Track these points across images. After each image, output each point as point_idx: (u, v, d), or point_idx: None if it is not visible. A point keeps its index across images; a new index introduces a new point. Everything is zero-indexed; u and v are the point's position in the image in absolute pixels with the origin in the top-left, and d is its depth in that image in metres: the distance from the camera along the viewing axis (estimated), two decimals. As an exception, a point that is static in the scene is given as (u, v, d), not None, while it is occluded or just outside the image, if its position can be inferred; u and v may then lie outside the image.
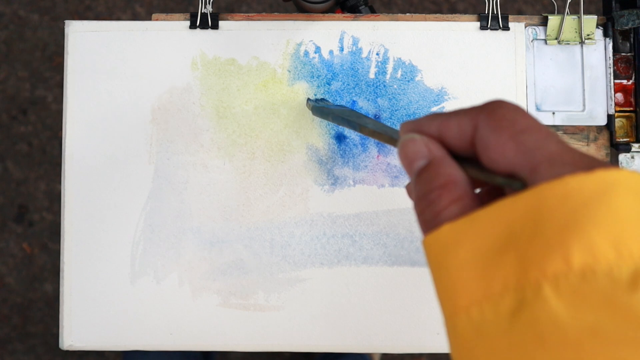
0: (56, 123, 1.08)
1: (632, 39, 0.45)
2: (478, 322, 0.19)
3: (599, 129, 0.45)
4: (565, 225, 0.17)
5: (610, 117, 0.45)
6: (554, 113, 0.45)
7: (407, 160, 0.23)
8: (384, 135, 0.30)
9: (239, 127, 0.44)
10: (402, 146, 0.23)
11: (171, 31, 0.45)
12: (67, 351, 1.03)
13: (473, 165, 0.22)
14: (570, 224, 0.17)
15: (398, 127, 0.44)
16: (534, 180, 0.19)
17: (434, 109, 0.44)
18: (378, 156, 0.44)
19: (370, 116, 0.44)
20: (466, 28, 0.45)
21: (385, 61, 0.45)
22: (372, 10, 0.51)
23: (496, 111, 0.21)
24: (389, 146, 0.44)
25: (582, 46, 0.45)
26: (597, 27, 0.45)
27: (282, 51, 0.45)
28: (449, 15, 0.45)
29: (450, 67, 0.45)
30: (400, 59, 0.45)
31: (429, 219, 0.21)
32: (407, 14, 0.45)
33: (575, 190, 0.18)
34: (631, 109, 0.45)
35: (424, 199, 0.21)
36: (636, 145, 0.45)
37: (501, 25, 0.45)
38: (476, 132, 0.21)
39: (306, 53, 0.45)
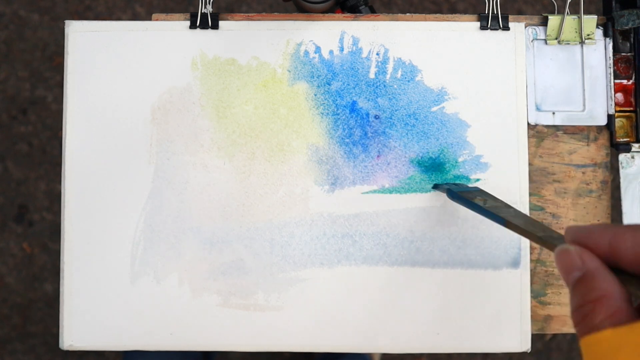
0: (56, 123, 1.08)
1: (632, 39, 0.45)
2: None
3: (599, 129, 0.45)
4: None
5: (610, 117, 0.45)
6: (554, 113, 0.45)
7: (562, 271, 0.24)
8: (535, 237, 0.30)
9: (239, 127, 0.44)
10: (557, 256, 0.24)
11: (171, 31, 0.45)
12: (67, 351, 1.03)
13: (636, 282, 0.22)
14: None
15: (398, 127, 0.44)
16: None
17: (434, 109, 0.44)
18: (378, 156, 0.44)
19: (370, 117, 0.44)
20: (466, 28, 0.45)
21: (385, 61, 0.45)
22: (372, 10, 0.51)
23: None
24: (392, 149, 0.44)
25: (582, 46, 0.45)
26: (597, 27, 0.45)
27: (282, 51, 0.45)
28: (449, 15, 0.45)
29: (450, 67, 0.45)
30: (400, 59, 0.45)
31: (585, 328, 0.22)
32: (407, 14, 0.45)
33: None
34: (631, 109, 0.45)
35: (579, 312, 0.22)
36: (636, 145, 0.45)
37: (501, 25, 0.45)
38: None
39: (306, 53, 0.45)
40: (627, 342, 0.20)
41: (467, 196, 0.39)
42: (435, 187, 0.43)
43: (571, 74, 0.45)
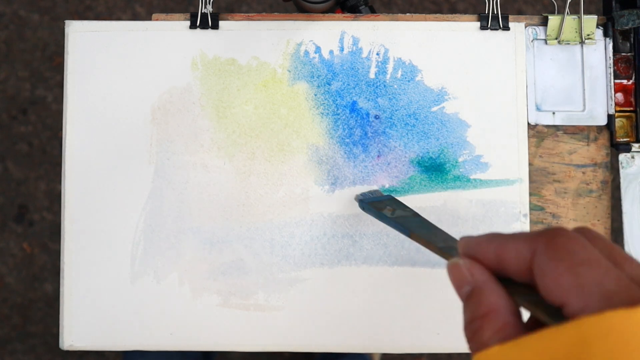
0: (56, 123, 1.08)
1: (632, 39, 0.45)
2: None
3: (599, 129, 0.45)
4: None
5: (610, 117, 0.45)
6: (554, 113, 0.45)
7: (454, 285, 0.24)
8: (435, 247, 0.30)
9: (239, 127, 0.44)
10: (448, 270, 0.24)
11: (171, 31, 0.45)
12: (67, 351, 1.03)
13: (524, 291, 0.22)
14: None
15: (398, 127, 0.44)
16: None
17: (434, 109, 0.44)
18: (378, 156, 0.44)
19: (370, 117, 0.44)
20: (466, 28, 0.45)
21: (385, 61, 0.45)
22: (372, 10, 0.51)
23: (555, 240, 0.21)
24: (392, 149, 0.44)
25: (582, 46, 0.45)
26: (597, 27, 0.45)
27: (282, 51, 0.45)
28: (449, 15, 0.45)
29: (450, 67, 0.45)
30: (400, 59, 0.45)
31: (475, 345, 0.22)
32: (407, 14, 0.45)
33: (617, 327, 0.18)
34: (631, 109, 0.45)
35: (469, 327, 0.22)
36: (636, 145, 0.45)
37: (501, 25, 0.45)
38: (534, 259, 0.22)
39: (306, 53, 0.45)
40: (512, 358, 0.20)
41: (377, 206, 0.39)
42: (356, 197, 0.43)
43: (571, 74, 0.45)
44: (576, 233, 0.22)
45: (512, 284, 0.23)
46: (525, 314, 0.23)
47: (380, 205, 0.39)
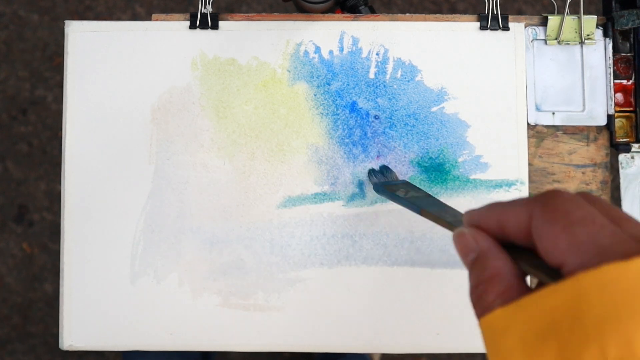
0: (56, 123, 1.08)
1: (632, 39, 0.45)
2: None
3: (598, 129, 0.45)
4: (603, 316, 0.18)
5: (610, 117, 0.45)
6: (554, 113, 0.45)
7: (460, 254, 0.24)
8: (444, 222, 0.31)
9: (239, 127, 0.44)
10: (454, 240, 0.25)
11: (171, 31, 0.45)
12: (67, 351, 1.03)
13: (526, 255, 0.23)
14: (608, 315, 0.18)
15: (398, 127, 0.44)
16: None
17: (434, 109, 0.44)
18: (378, 157, 0.44)
19: (370, 117, 0.44)
20: (466, 28, 0.45)
21: (385, 61, 0.45)
22: (372, 11, 0.51)
23: (550, 202, 0.22)
24: (392, 149, 0.44)
25: (582, 46, 0.45)
26: (597, 27, 0.45)
27: (282, 51, 0.45)
28: (449, 16, 0.45)
29: (450, 67, 0.45)
30: (400, 59, 0.45)
31: (480, 309, 0.23)
32: (407, 14, 0.45)
33: (614, 279, 0.18)
34: (631, 109, 0.45)
35: (474, 292, 0.23)
36: (636, 145, 0.45)
37: (501, 26, 0.45)
38: (532, 222, 0.22)
39: (306, 53, 0.45)
40: (515, 319, 0.20)
41: (391, 189, 0.40)
42: (370, 173, 0.44)
43: (571, 74, 0.45)
44: (573, 194, 0.22)
45: (515, 249, 0.23)
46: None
47: (394, 188, 0.40)
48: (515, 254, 0.23)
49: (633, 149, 0.45)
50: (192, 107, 0.44)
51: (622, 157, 0.45)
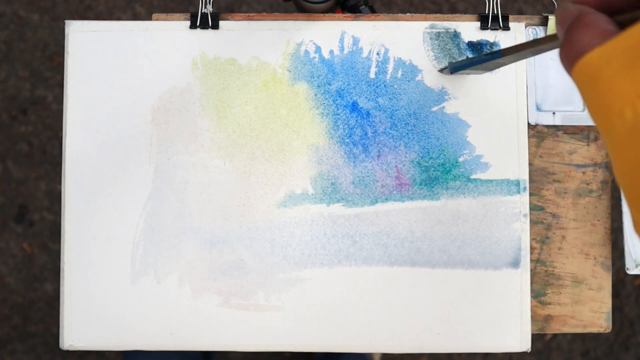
0: (56, 123, 1.08)
1: (632, 39, 0.45)
2: (632, 121, 0.20)
3: (599, 129, 0.45)
4: None
5: (610, 117, 0.45)
6: (554, 113, 0.45)
7: (560, 24, 0.24)
8: (532, 42, 0.30)
9: (239, 127, 0.44)
10: (556, 14, 0.24)
11: (171, 31, 0.45)
12: (67, 351, 1.03)
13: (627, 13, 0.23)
14: None
15: (398, 127, 0.44)
16: None
17: (435, 108, 0.44)
18: (379, 156, 0.44)
19: (370, 117, 0.44)
20: (466, 28, 0.45)
21: (385, 61, 0.45)
22: (373, 10, 0.51)
23: None
24: (392, 149, 0.44)
25: (582, 46, 0.45)
26: (597, 27, 0.45)
27: (282, 51, 0.45)
28: (449, 15, 0.45)
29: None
30: (400, 58, 0.45)
31: (575, 54, 0.22)
32: (407, 14, 0.45)
33: None
34: (631, 109, 0.45)
35: (568, 41, 0.23)
36: (636, 145, 0.45)
37: (501, 25, 0.45)
38: None
39: (306, 53, 0.45)
40: (615, 51, 0.20)
41: (465, 61, 0.41)
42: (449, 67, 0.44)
43: (571, 74, 0.45)
44: None
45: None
46: None
47: (467, 59, 0.41)
48: (615, 17, 0.23)
49: (633, 149, 0.45)
50: (193, 107, 0.44)
51: (623, 157, 0.45)
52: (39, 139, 1.08)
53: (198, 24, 0.44)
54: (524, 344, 0.44)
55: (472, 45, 0.44)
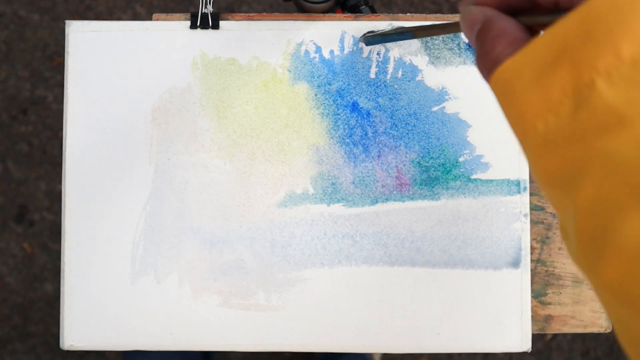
0: (56, 123, 1.08)
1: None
2: (544, 133, 0.20)
3: (599, 129, 0.45)
4: (613, 24, 0.18)
5: (610, 117, 0.45)
6: (554, 113, 0.45)
7: (467, 30, 0.24)
8: (441, 26, 0.31)
9: (239, 127, 0.44)
10: (462, 20, 0.25)
11: (171, 31, 0.45)
12: (67, 351, 1.03)
13: (527, 15, 0.24)
14: (618, 22, 0.18)
15: (399, 127, 0.44)
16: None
17: (435, 108, 0.44)
18: (379, 157, 0.44)
19: (371, 117, 0.44)
20: (467, 28, 0.45)
21: (385, 61, 0.45)
22: (373, 10, 0.51)
23: None
24: (392, 149, 0.44)
25: (582, 46, 0.45)
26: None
27: (282, 51, 0.45)
28: (449, 15, 0.45)
29: (450, 67, 0.45)
30: (400, 58, 0.45)
31: (489, 66, 0.23)
32: (408, 14, 0.45)
33: None
34: (632, 109, 0.45)
35: (482, 53, 0.23)
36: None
37: (502, 25, 0.45)
38: None
39: (307, 53, 0.45)
40: (525, 61, 0.21)
41: (378, 34, 0.42)
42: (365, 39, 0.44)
43: (572, 74, 0.45)
44: None
45: (516, 15, 0.24)
46: None
47: (380, 33, 0.42)
48: (517, 18, 0.24)
49: (634, 149, 0.45)
50: (193, 107, 0.44)
51: (623, 157, 0.45)
52: (39, 139, 1.08)
53: (198, 24, 0.44)
54: (524, 344, 0.44)
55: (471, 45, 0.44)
